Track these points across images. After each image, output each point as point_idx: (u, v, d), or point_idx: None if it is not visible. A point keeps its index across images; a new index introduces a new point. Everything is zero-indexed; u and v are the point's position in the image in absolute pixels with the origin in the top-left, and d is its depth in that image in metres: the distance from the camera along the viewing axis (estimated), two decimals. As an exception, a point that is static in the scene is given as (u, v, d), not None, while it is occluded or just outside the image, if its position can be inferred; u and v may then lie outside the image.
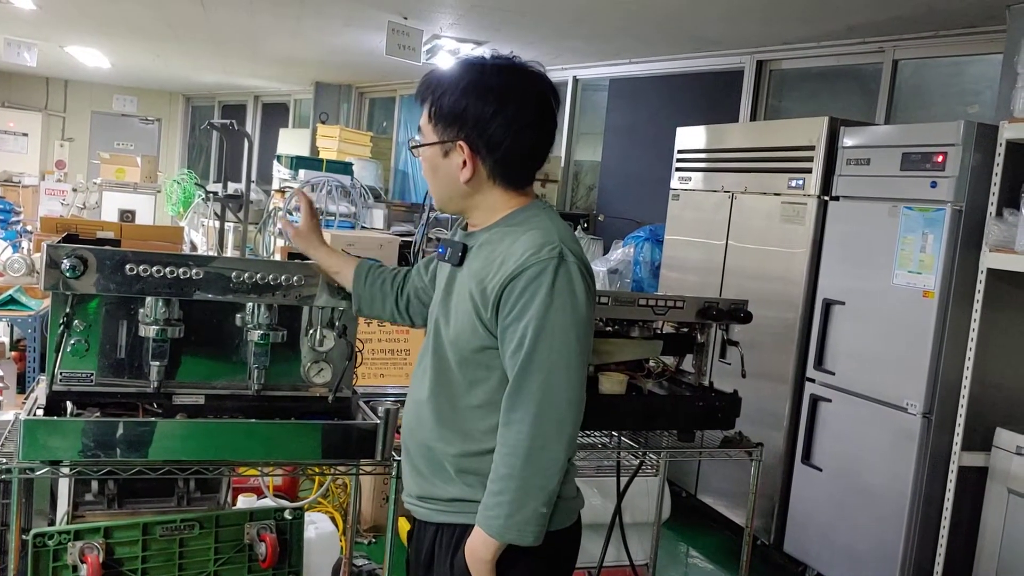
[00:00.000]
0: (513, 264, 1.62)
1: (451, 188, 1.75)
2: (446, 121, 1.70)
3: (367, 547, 3.80)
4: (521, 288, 1.61)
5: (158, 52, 9.78)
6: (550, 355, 1.60)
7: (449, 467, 1.73)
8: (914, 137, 3.53)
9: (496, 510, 1.63)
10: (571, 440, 1.65)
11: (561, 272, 1.61)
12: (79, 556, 2.18)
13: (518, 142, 1.69)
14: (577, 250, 1.67)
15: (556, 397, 1.61)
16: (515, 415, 1.63)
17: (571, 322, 1.62)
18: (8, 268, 4.76)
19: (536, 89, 1.72)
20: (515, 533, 1.62)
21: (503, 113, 1.66)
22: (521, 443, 1.61)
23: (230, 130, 7.17)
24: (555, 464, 1.63)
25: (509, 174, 1.73)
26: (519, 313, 1.61)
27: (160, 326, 2.13)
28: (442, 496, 1.74)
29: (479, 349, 1.68)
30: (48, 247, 2.03)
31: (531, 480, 1.61)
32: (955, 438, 3.31)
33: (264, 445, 2.12)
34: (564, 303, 1.61)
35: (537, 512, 1.63)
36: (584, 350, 1.65)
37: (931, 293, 3.37)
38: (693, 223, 4.76)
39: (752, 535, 2.89)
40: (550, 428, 1.61)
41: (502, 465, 1.63)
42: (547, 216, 1.74)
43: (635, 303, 2.62)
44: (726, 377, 2.88)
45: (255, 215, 8.27)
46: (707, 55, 6.24)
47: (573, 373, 1.62)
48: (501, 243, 1.69)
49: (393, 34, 5.84)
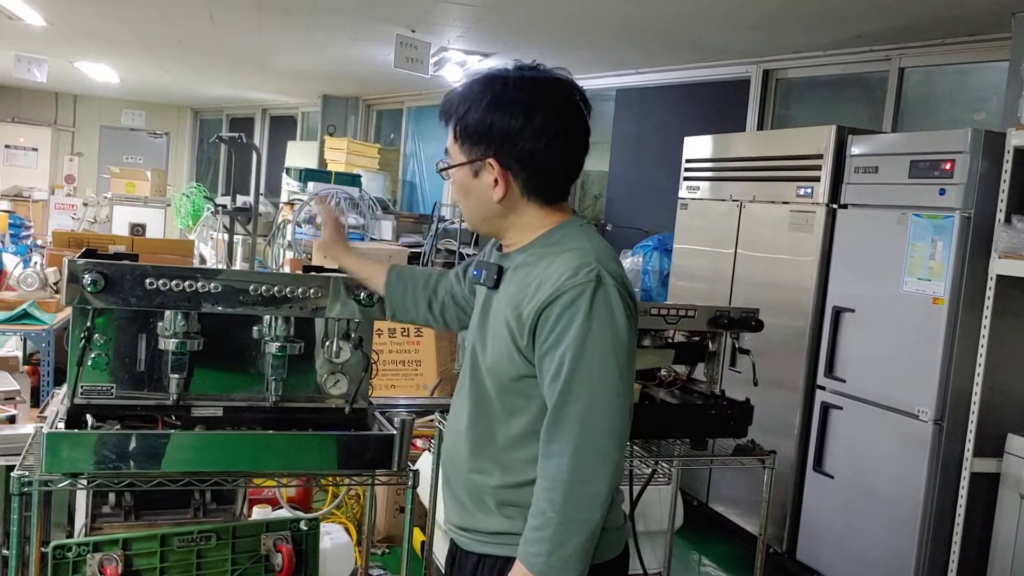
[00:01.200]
0: (549, 289, 1.56)
1: (485, 209, 1.68)
2: (473, 140, 1.63)
3: (381, 557, 3.82)
4: (557, 314, 1.54)
5: (167, 67, 9.85)
6: (589, 384, 1.53)
7: (489, 500, 1.68)
8: (922, 145, 3.55)
9: (537, 546, 1.56)
10: (615, 472, 1.56)
11: (599, 296, 1.54)
12: (98, 568, 2.20)
13: (550, 154, 1.62)
14: (617, 271, 1.60)
15: (597, 428, 1.54)
16: (554, 447, 1.56)
17: (611, 348, 1.54)
18: (21, 283, 4.80)
19: (563, 97, 1.65)
20: (557, 571, 1.55)
21: (531, 125, 1.59)
22: (561, 477, 1.54)
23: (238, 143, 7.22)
24: (598, 498, 1.55)
25: (543, 189, 1.66)
26: (556, 340, 1.55)
27: (179, 339, 2.15)
28: (484, 528, 1.70)
29: (517, 378, 1.62)
30: (69, 262, 2.06)
31: (572, 516, 1.54)
32: (967, 444, 3.32)
33: (282, 456, 2.14)
34: (603, 328, 1.54)
35: (580, 548, 1.55)
36: (626, 377, 1.57)
37: (941, 300, 3.38)
38: (702, 232, 4.78)
39: (765, 543, 2.90)
40: (591, 461, 1.54)
41: (542, 500, 1.57)
42: (584, 235, 1.66)
43: (647, 312, 2.63)
44: (737, 385, 2.90)
45: (264, 227, 8.31)
46: (713, 65, 6.26)
47: (615, 402, 1.55)
48: (537, 265, 1.62)
49: (401, 47, 5.88)
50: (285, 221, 7.97)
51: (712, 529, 4.55)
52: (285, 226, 7.91)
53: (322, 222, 2.23)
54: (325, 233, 2.21)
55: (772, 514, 3.74)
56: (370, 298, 2.29)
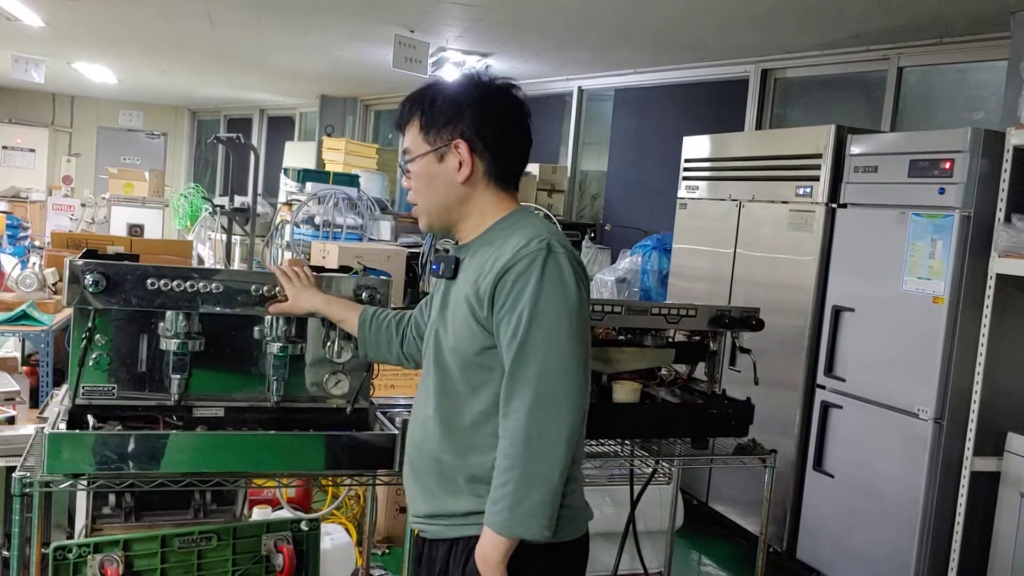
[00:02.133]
0: (504, 259, 1.67)
1: (447, 195, 1.79)
2: (439, 125, 1.76)
3: (381, 557, 3.81)
4: (513, 280, 1.65)
5: (165, 68, 9.84)
6: (544, 341, 1.62)
7: (460, 478, 1.73)
8: (921, 144, 3.55)
9: (500, 503, 1.62)
10: (572, 429, 1.63)
11: (551, 262, 1.65)
12: (99, 569, 2.20)
13: (508, 139, 1.78)
14: (567, 245, 1.71)
15: (552, 383, 1.62)
16: (512, 405, 1.64)
17: (564, 309, 1.64)
18: (20, 284, 4.78)
19: (510, 89, 1.81)
20: (520, 526, 1.61)
21: (495, 107, 1.77)
22: (519, 431, 1.61)
23: (236, 144, 7.21)
24: (557, 451, 1.61)
25: (502, 173, 1.79)
26: (513, 303, 1.64)
27: (181, 339, 2.15)
28: (454, 511, 1.73)
29: (479, 351, 1.70)
30: (70, 263, 2.05)
31: (532, 468, 1.61)
32: (967, 443, 3.32)
33: (284, 457, 2.14)
34: (555, 291, 1.64)
35: (542, 502, 1.61)
36: (579, 338, 1.66)
37: (941, 299, 3.38)
38: (701, 232, 4.78)
39: (766, 542, 2.90)
40: (548, 414, 1.61)
41: (504, 457, 1.64)
42: (535, 218, 1.80)
43: (647, 312, 2.63)
44: (737, 385, 2.90)
45: (262, 228, 8.30)
46: (712, 64, 6.27)
47: (569, 359, 1.63)
48: (492, 246, 1.73)
49: (400, 47, 5.88)
50: (283, 221, 7.95)
51: (712, 529, 4.55)
52: (283, 227, 7.90)
53: (280, 285, 2.20)
54: (288, 291, 2.19)
55: (772, 513, 3.73)
56: (372, 299, 2.29)
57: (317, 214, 7.52)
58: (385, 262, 5.87)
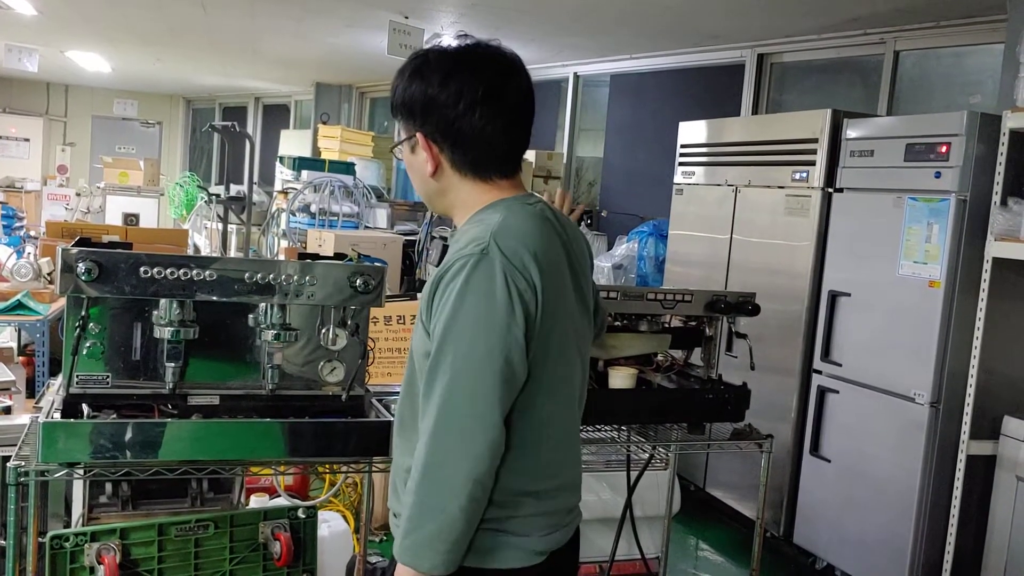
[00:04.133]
0: (446, 263, 1.50)
1: (426, 186, 1.65)
2: (403, 115, 1.61)
3: (379, 544, 3.82)
4: (443, 286, 1.47)
5: (159, 56, 9.79)
6: (454, 360, 1.44)
7: (400, 482, 1.60)
8: (918, 128, 3.54)
9: (399, 529, 1.50)
10: (483, 456, 1.43)
11: (481, 268, 1.44)
12: (96, 557, 2.19)
13: (471, 124, 1.54)
14: (513, 247, 1.47)
15: (457, 408, 1.44)
16: (422, 426, 1.48)
17: (483, 324, 1.43)
18: (15, 273, 4.78)
19: (481, 65, 1.56)
20: (410, 556, 1.47)
21: (444, 92, 1.53)
22: (420, 457, 1.46)
23: (232, 132, 7.19)
24: (455, 482, 1.43)
25: (473, 163, 1.58)
26: (438, 314, 1.47)
27: (175, 327, 2.14)
28: (399, 511, 1.60)
29: (426, 355, 1.51)
30: (63, 251, 2.04)
31: (426, 499, 1.45)
32: (963, 427, 3.33)
33: (280, 444, 2.14)
34: (477, 302, 1.44)
35: (433, 536, 1.45)
36: (498, 358, 1.44)
37: (937, 283, 3.38)
38: (697, 218, 4.77)
39: (763, 527, 2.91)
40: (448, 442, 1.44)
41: (409, 480, 1.49)
42: (505, 210, 1.55)
43: (643, 297, 2.63)
44: (732, 371, 2.89)
45: (258, 217, 8.29)
46: (708, 49, 6.24)
47: (480, 382, 1.43)
48: (457, 243, 1.55)
49: (395, 33, 5.85)
50: (279, 210, 7.94)
51: (709, 514, 4.57)
52: (279, 215, 7.89)
53: None
54: None
55: (769, 498, 3.74)
56: (366, 284, 2.28)
57: (313, 202, 7.52)
58: (381, 250, 5.87)
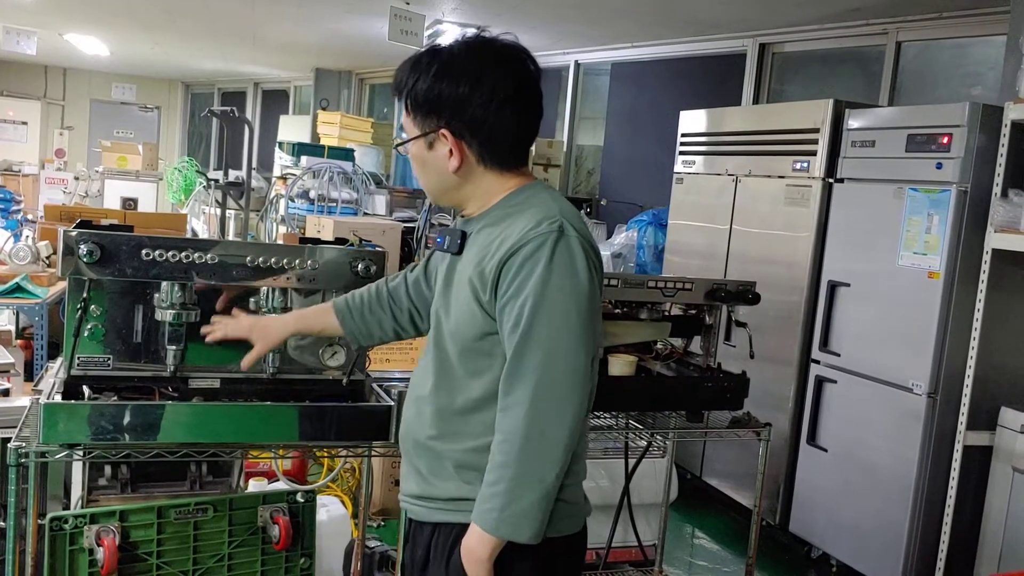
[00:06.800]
0: (511, 241, 1.54)
1: (442, 181, 1.67)
2: (424, 111, 1.62)
3: (376, 529, 3.83)
4: (519, 264, 1.52)
5: (157, 39, 9.75)
6: (549, 332, 1.50)
7: (448, 464, 1.64)
8: (919, 119, 3.54)
9: (491, 502, 1.52)
10: (574, 427, 1.52)
11: (561, 246, 1.52)
12: (95, 539, 2.20)
13: (501, 120, 1.60)
14: (581, 227, 1.58)
15: (556, 378, 1.51)
16: (511, 398, 1.53)
17: (572, 298, 1.52)
18: (13, 256, 4.76)
19: (510, 61, 1.63)
20: (510, 528, 1.51)
21: (479, 91, 1.58)
22: (517, 428, 1.50)
23: (231, 117, 7.17)
24: (555, 452, 1.51)
25: (499, 156, 1.64)
26: (517, 289, 1.52)
27: (176, 310, 2.15)
28: (440, 495, 1.65)
29: (479, 336, 1.59)
30: (65, 233, 2.04)
31: (528, 469, 1.50)
32: (960, 418, 3.34)
33: (280, 428, 2.14)
34: (564, 278, 1.52)
35: (534, 505, 1.51)
36: (588, 328, 1.54)
37: (936, 274, 3.39)
38: (697, 207, 4.77)
39: (760, 515, 2.92)
40: (549, 412, 1.50)
41: (498, 452, 1.53)
42: (548, 194, 1.65)
43: (644, 285, 2.63)
44: (731, 360, 2.90)
45: (256, 202, 8.27)
46: (709, 38, 6.23)
47: (575, 353, 1.52)
48: (500, 225, 1.60)
49: (395, 19, 5.83)
50: (278, 196, 7.92)
51: (705, 502, 4.58)
52: (278, 201, 7.87)
53: (234, 326, 2.08)
54: (251, 336, 2.06)
55: (766, 487, 3.75)
56: (367, 269, 2.28)
57: (312, 188, 7.49)
58: (380, 236, 5.85)
